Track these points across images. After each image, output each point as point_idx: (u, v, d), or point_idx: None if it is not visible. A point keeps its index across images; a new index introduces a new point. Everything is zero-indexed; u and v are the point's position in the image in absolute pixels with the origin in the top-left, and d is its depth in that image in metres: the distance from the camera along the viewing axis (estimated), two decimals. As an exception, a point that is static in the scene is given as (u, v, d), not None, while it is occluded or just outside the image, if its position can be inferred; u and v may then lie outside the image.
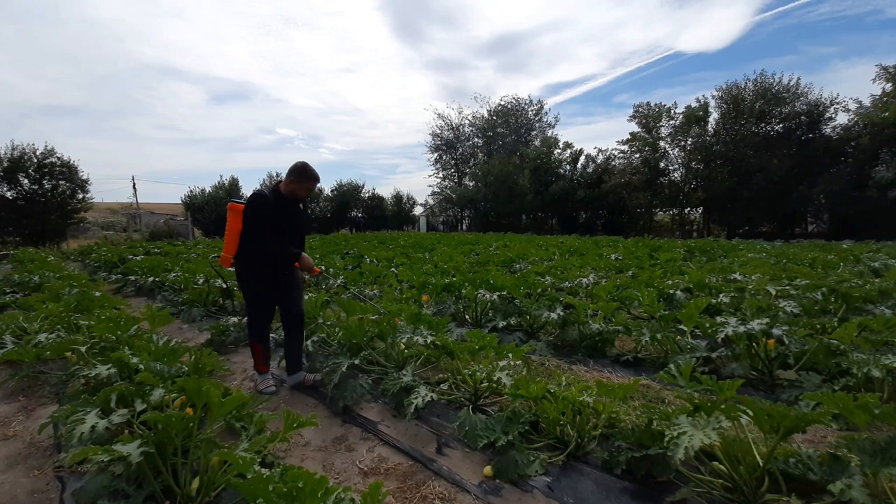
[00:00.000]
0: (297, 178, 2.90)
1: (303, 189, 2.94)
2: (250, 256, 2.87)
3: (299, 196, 2.97)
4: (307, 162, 2.93)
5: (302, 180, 2.92)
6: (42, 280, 6.17)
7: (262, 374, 3.09)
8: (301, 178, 2.91)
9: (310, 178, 2.94)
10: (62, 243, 20.09)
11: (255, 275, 2.92)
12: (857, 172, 21.23)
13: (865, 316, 3.67)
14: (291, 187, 2.92)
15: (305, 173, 2.91)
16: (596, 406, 2.27)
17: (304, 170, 2.91)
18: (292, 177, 2.90)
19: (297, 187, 2.92)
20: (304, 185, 2.93)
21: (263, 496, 1.20)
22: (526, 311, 4.52)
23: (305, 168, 2.91)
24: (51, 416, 1.99)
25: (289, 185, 2.92)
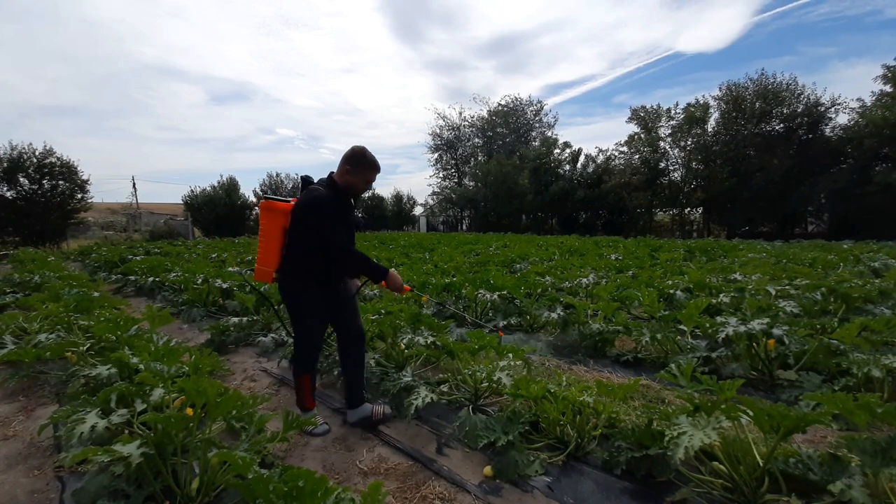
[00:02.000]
0: (356, 167, 2.30)
1: (361, 181, 2.34)
2: (304, 270, 2.28)
3: (357, 190, 2.36)
4: (365, 146, 2.33)
5: (362, 169, 2.31)
6: (42, 280, 6.17)
7: (309, 412, 2.47)
8: (361, 166, 2.31)
9: (371, 167, 2.34)
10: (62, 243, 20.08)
11: (307, 292, 2.32)
12: (858, 172, 21.22)
13: (865, 316, 3.67)
14: (348, 179, 2.30)
15: (366, 161, 2.31)
16: (596, 406, 2.27)
17: (364, 157, 2.30)
18: (348, 165, 2.29)
19: (356, 179, 2.32)
20: (364, 175, 2.33)
21: (263, 496, 1.20)
22: (526, 311, 4.52)
23: (364, 155, 2.30)
24: (51, 416, 1.99)
25: (344, 176, 2.30)
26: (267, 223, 2.31)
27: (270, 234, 2.30)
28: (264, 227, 2.31)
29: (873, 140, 20.50)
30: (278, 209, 2.30)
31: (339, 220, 2.25)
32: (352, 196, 2.39)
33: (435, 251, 11.38)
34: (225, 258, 10.25)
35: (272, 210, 2.30)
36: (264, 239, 2.32)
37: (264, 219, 2.31)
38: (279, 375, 3.37)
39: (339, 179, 2.33)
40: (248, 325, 4.34)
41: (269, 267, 2.33)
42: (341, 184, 2.32)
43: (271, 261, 2.33)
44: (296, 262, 2.29)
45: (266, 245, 2.32)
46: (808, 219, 25.93)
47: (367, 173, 2.34)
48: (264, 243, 2.33)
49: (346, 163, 2.30)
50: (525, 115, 41.20)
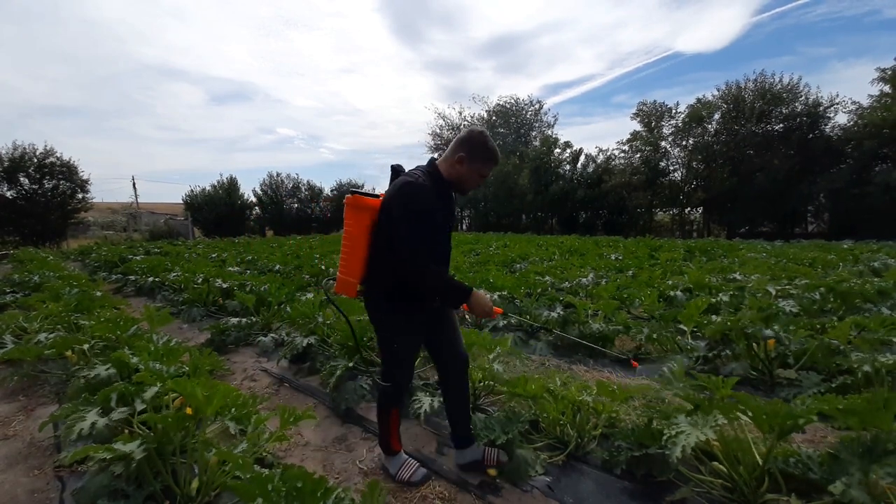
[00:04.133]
0: (474, 155, 1.82)
1: (476, 174, 1.86)
2: (392, 281, 1.83)
3: (467, 186, 1.88)
4: (485, 131, 1.88)
5: (481, 159, 1.84)
6: (42, 280, 6.17)
7: (397, 455, 2.05)
8: (480, 155, 1.83)
9: (492, 158, 1.87)
10: (62, 243, 20.10)
11: (395, 309, 1.87)
12: (858, 172, 21.24)
13: (864, 315, 3.67)
14: (460, 170, 1.83)
15: (487, 149, 1.84)
16: (596, 406, 2.27)
17: (486, 144, 1.83)
18: (463, 152, 1.80)
19: (470, 170, 1.83)
20: (481, 167, 1.86)
21: (263, 496, 1.20)
22: (526, 311, 4.52)
23: (486, 142, 1.84)
24: (51, 415, 1.99)
25: (455, 165, 1.82)
26: (353, 223, 1.86)
27: (357, 236, 1.86)
28: (350, 228, 1.88)
29: (873, 140, 20.52)
30: (367, 206, 1.84)
31: (431, 222, 1.77)
32: (457, 192, 1.91)
33: (435, 251, 11.36)
34: (225, 258, 10.25)
35: (360, 207, 1.85)
36: (349, 243, 1.88)
37: (350, 218, 1.88)
38: (279, 375, 3.37)
39: (447, 169, 1.85)
40: (248, 325, 4.34)
41: (353, 277, 1.88)
42: (448, 174, 1.84)
43: (356, 270, 1.87)
44: (382, 271, 1.84)
45: (351, 250, 1.87)
46: (808, 219, 25.94)
47: (485, 165, 1.86)
48: (349, 248, 1.88)
49: (461, 148, 1.81)
50: (525, 115, 41.21)
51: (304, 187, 32.48)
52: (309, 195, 32.45)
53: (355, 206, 1.86)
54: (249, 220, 30.45)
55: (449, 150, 1.86)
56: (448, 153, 1.86)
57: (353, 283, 1.88)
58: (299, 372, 3.38)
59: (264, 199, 30.90)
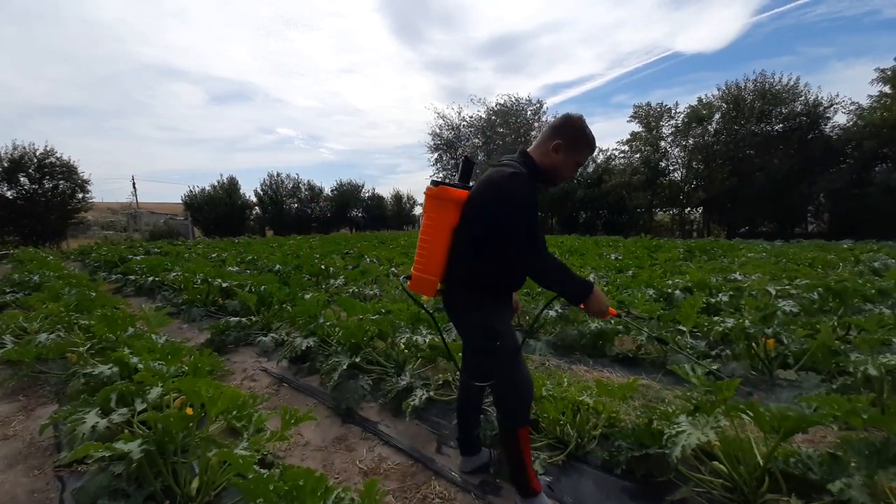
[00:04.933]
0: (573, 142, 1.66)
1: (573, 164, 1.71)
2: (493, 280, 1.69)
3: (561, 176, 1.73)
4: (582, 116, 1.70)
5: (579, 147, 1.68)
6: (42, 280, 6.17)
7: (537, 497, 1.73)
8: (579, 142, 1.68)
9: (590, 146, 1.72)
10: (62, 243, 20.10)
11: (500, 303, 1.74)
12: (858, 172, 21.26)
13: (864, 315, 3.67)
14: (556, 159, 1.67)
15: (586, 136, 1.69)
16: (596, 406, 2.27)
17: (585, 130, 1.68)
18: (560, 139, 1.65)
19: (568, 160, 1.68)
20: (579, 155, 1.70)
21: (263, 495, 1.20)
22: (526, 311, 4.52)
23: (585, 128, 1.68)
24: (51, 415, 1.99)
25: (552, 154, 1.67)
26: (436, 217, 1.71)
27: (440, 231, 1.71)
28: (431, 221, 1.72)
29: (873, 140, 20.53)
30: (453, 198, 1.69)
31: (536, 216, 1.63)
32: (549, 183, 1.75)
33: (435, 251, 11.36)
34: (225, 258, 10.25)
35: (445, 199, 1.69)
36: (430, 237, 1.72)
37: (433, 211, 1.71)
38: (279, 375, 3.37)
39: (541, 158, 1.69)
40: (248, 324, 4.34)
41: (433, 275, 1.72)
42: (543, 164, 1.68)
43: (436, 266, 1.72)
44: (472, 267, 1.68)
45: (432, 246, 1.71)
46: (808, 219, 25.95)
47: (583, 153, 1.70)
48: (429, 243, 1.72)
49: (557, 134, 1.66)
50: (524, 115, 41.23)
51: (304, 187, 32.52)
52: (309, 195, 32.46)
53: (440, 198, 1.70)
54: (249, 220, 30.45)
55: (542, 139, 1.71)
56: (541, 141, 1.71)
57: (433, 280, 1.72)
58: (299, 372, 3.38)
59: (264, 199, 30.91)
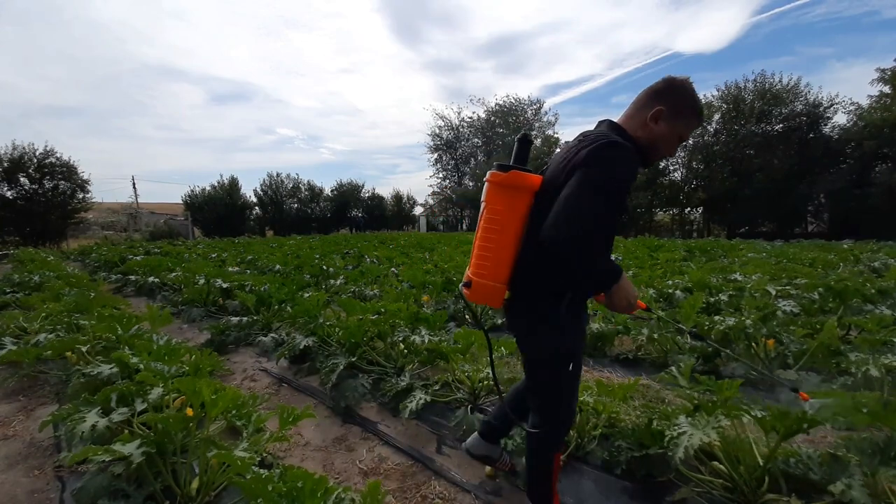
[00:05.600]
0: (681, 108, 1.36)
1: (676, 137, 1.40)
2: (562, 283, 1.38)
3: (664, 150, 1.42)
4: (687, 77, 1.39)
5: (685, 114, 1.38)
6: (42, 280, 6.17)
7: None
8: (686, 109, 1.38)
9: (699, 114, 1.42)
10: (62, 243, 20.10)
11: (576, 320, 1.46)
12: (858, 172, 21.26)
13: (864, 315, 3.67)
14: (659, 131, 1.37)
15: (696, 100, 1.40)
16: (596, 406, 2.27)
17: (694, 94, 1.39)
18: (663, 104, 1.35)
19: (671, 131, 1.37)
20: (689, 125, 1.40)
21: (263, 496, 1.20)
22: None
23: (693, 91, 1.39)
24: (51, 415, 1.99)
25: (650, 124, 1.37)
26: (504, 209, 1.37)
27: (509, 226, 1.37)
28: (497, 215, 1.38)
29: (873, 140, 20.53)
30: (526, 185, 1.36)
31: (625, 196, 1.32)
32: (647, 162, 1.43)
33: (435, 251, 11.38)
34: (225, 258, 10.25)
35: (516, 187, 1.36)
36: (495, 234, 1.38)
37: (499, 202, 1.38)
38: (279, 375, 3.37)
39: (638, 130, 1.38)
40: (248, 324, 4.34)
41: (498, 280, 1.39)
42: (639, 138, 1.38)
43: (503, 271, 1.39)
44: (551, 270, 1.37)
45: (498, 246, 1.38)
46: (808, 218, 25.96)
47: (690, 123, 1.39)
48: (495, 242, 1.38)
49: (659, 100, 1.35)
50: (525, 115, 41.26)
51: (304, 187, 32.51)
52: (309, 195, 32.46)
53: (511, 186, 1.36)
54: (249, 220, 30.46)
55: (635, 107, 1.40)
56: (634, 110, 1.40)
57: (500, 287, 1.39)
58: (299, 372, 3.38)
59: (264, 199, 30.92)
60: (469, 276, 1.44)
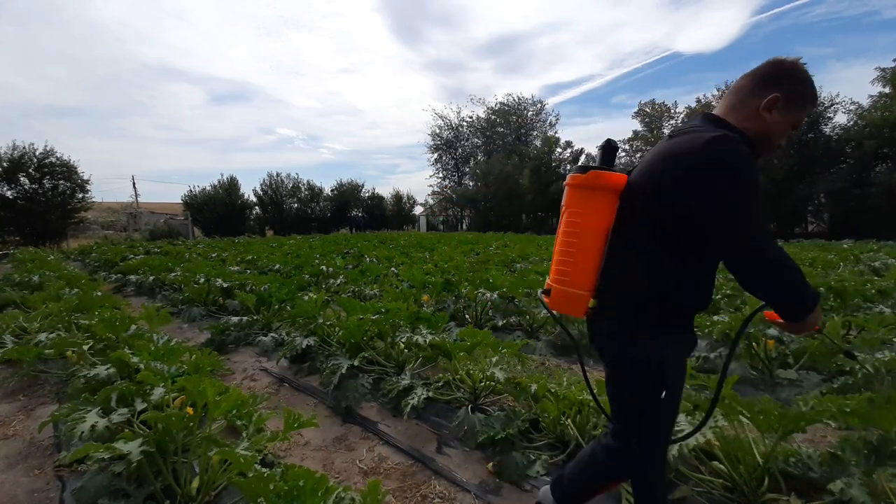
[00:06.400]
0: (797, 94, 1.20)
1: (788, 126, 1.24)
2: (674, 297, 1.24)
3: (775, 141, 1.25)
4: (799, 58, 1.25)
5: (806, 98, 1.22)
6: (42, 280, 6.17)
7: None
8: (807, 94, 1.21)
9: (813, 99, 1.24)
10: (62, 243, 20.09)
11: (676, 336, 1.28)
12: (858, 172, 21.26)
13: (864, 315, 3.67)
14: (773, 121, 1.21)
15: (812, 85, 1.23)
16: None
17: (810, 78, 1.22)
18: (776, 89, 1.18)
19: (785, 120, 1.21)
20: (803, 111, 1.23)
21: (264, 495, 1.20)
22: (525, 311, 4.52)
23: (808, 74, 1.22)
24: (52, 414, 1.99)
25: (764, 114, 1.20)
26: (587, 212, 1.30)
27: (592, 230, 1.30)
28: (579, 217, 1.31)
29: (873, 140, 20.53)
30: (613, 186, 1.27)
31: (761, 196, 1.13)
32: (758, 155, 1.24)
33: (435, 251, 11.38)
34: (225, 258, 10.25)
35: (602, 188, 1.28)
36: (577, 239, 1.31)
37: (582, 204, 1.32)
38: (279, 375, 3.37)
39: (747, 121, 1.22)
40: (248, 324, 4.34)
41: (582, 288, 1.31)
42: (749, 130, 1.21)
43: (586, 278, 1.31)
44: (640, 275, 1.25)
45: (581, 251, 1.31)
46: (808, 218, 25.94)
47: (805, 109, 1.23)
48: (577, 247, 1.31)
49: (771, 86, 1.19)
50: (526, 115, 41.26)
51: (304, 187, 32.49)
52: (309, 195, 32.46)
53: (594, 188, 1.28)
54: (249, 220, 30.44)
55: (742, 95, 1.23)
56: (740, 100, 1.23)
57: (583, 295, 1.31)
58: (299, 372, 3.38)
59: (264, 199, 30.91)
60: (549, 283, 1.37)
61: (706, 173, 1.11)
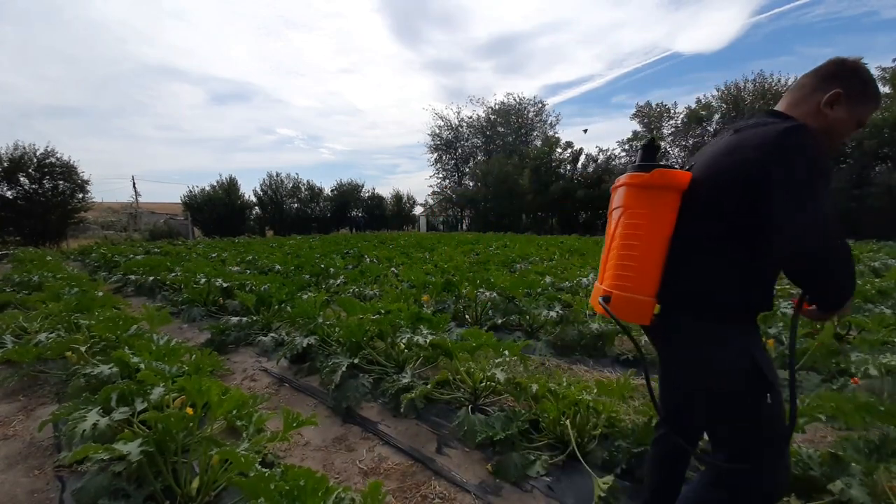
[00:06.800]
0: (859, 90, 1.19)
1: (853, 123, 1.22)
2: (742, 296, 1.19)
3: (839, 138, 1.24)
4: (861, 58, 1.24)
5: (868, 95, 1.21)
6: (41, 280, 6.17)
7: None
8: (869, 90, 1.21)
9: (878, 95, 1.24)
10: (62, 243, 20.09)
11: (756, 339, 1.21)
12: (857, 172, 21.25)
13: (864, 314, 3.67)
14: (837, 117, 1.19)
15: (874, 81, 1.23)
16: (596, 405, 2.27)
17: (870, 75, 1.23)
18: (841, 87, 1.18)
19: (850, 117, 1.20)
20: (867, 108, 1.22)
21: (265, 494, 1.20)
22: (525, 311, 4.52)
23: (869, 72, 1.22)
24: (52, 413, 1.99)
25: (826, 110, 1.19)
26: (650, 213, 1.25)
27: (657, 231, 1.24)
28: (642, 219, 1.26)
29: (873, 140, 20.54)
30: (675, 184, 1.23)
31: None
32: None
33: (435, 251, 11.38)
34: (225, 258, 10.25)
35: (664, 187, 1.23)
36: (641, 241, 1.25)
37: (643, 205, 1.26)
38: (279, 375, 3.37)
39: (810, 117, 1.20)
40: (248, 324, 4.34)
41: (645, 293, 1.25)
42: (813, 126, 1.17)
43: (651, 282, 1.25)
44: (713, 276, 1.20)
45: (644, 252, 1.25)
46: (808, 219, 25.96)
47: (870, 107, 1.22)
48: (640, 250, 1.25)
49: (834, 82, 1.19)
50: (526, 115, 41.25)
51: (304, 187, 32.49)
52: (309, 195, 32.46)
53: (658, 187, 1.23)
54: (249, 220, 30.43)
55: (802, 93, 1.23)
56: (801, 97, 1.23)
57: (648, 301, 1.24)
58: (299, 372, 3.38)
59: (264, 199, 30.90)
60: (607, 289, 1.28)
61: (784, 158, 1.07)
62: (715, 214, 1.18)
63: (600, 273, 1.38)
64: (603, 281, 1.34)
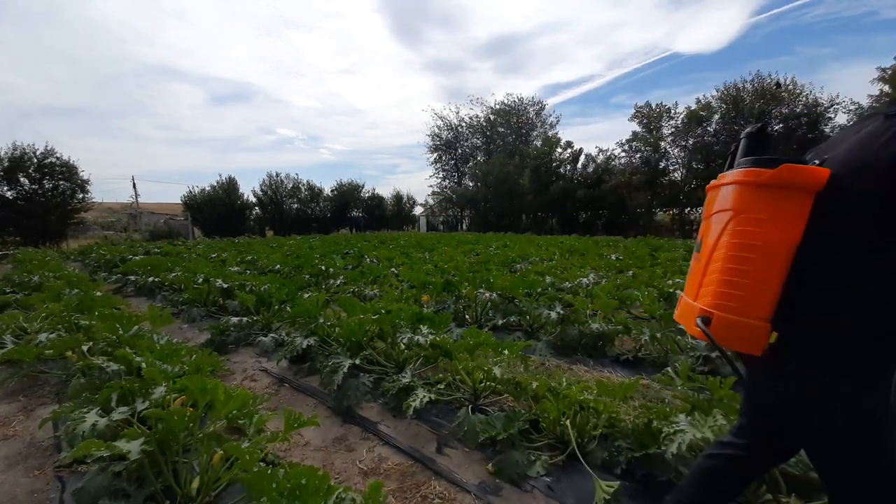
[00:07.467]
0: None
1: None
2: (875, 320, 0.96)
3: None
4: None
5: None
6: (41, 280, 6.17)
7: None
8: None
9: None
10: (62, 243, 20.11)
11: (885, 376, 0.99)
12: None
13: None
14: None
15: None
16: (596, 406, 2.27)
17: None
18: None
19: None
20: None
21: (267, 492, 1.20)
22: (525, 311, 4.52)
23: None
24: (52, 412, 1.99)
25: None
26: (771, 217, 1.03)
27: (777, 240, 1.02)
28: (760, 225, 1.04)
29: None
30: (809, 184, 1.00)
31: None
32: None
33: (435, 251, 11.38)
34: (225, 258, 10.26)
35: (794, 187, 1.01)
36: (755, 252, 1.04)
37: (763, 209, 1.04)
38: (279, 375, 3.37)
39: None
40: (248, 324, 4.34)
41: (759, 317, 1.04)
42: None
43: (766, 304, 1.04)
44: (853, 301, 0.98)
45: (761, 268, 1.04)
46: (808, 219, 25.96)
47: None
48: (755, 262, 1.04)
49: None
50: (527, 115, 41.24)
51: (304, 187, 32.50)
52: (309, 195, 32.47)
53: (790, 187, 1.01)
54: (249, 220, 30.44)
55: None
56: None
57: (762, 326, 1.03)
58: (299, 372, 3.38)
59: (264, 200, 30.91)
60: (706, 308, 1.09)
61: None
62: (867, 217, 0.95)
63: (690, 286, 1.17)
64: (698, 297, 1.13)
